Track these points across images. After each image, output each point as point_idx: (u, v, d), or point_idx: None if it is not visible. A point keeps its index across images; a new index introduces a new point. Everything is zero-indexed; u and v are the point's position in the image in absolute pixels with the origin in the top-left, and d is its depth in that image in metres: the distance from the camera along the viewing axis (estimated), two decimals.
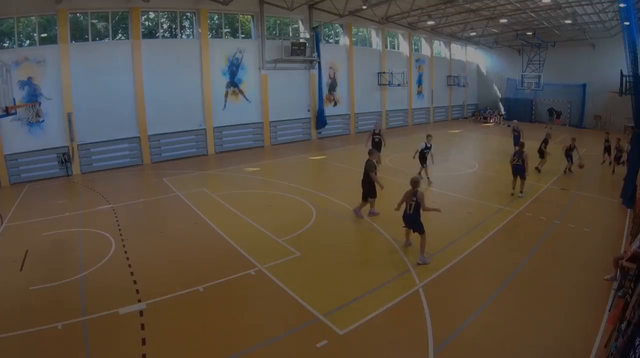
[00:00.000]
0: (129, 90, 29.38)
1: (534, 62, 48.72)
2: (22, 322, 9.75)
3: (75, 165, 27.53)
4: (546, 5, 34.90)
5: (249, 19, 35.54)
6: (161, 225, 17.01)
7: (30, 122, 25.65)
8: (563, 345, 8.72)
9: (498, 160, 28.37)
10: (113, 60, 28.76)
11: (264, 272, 12.20)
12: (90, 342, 9.03)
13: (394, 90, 45.93)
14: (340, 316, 9.75)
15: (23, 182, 25.40)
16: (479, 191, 21.27)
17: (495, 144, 37.41)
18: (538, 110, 50.90)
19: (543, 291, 10.90)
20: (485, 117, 53.11)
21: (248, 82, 34.94)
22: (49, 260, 13.64)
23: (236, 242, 14.53)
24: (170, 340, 9.13)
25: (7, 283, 12.04)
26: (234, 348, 8.73)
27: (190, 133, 32.44)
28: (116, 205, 19.41)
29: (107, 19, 29.09)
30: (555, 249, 13.65)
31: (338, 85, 41.37)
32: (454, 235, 14.70)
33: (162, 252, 14.32)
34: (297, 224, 16.16)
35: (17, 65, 25.07)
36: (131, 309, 10.22)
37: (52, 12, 26.45)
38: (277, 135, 37.18)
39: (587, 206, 18.43)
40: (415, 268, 12.19)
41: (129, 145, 29.82)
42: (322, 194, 20.58)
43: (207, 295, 11.05)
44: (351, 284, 11.35)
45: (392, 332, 9.23)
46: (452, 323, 9.41)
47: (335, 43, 41.86)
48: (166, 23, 32.32)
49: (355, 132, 43.19)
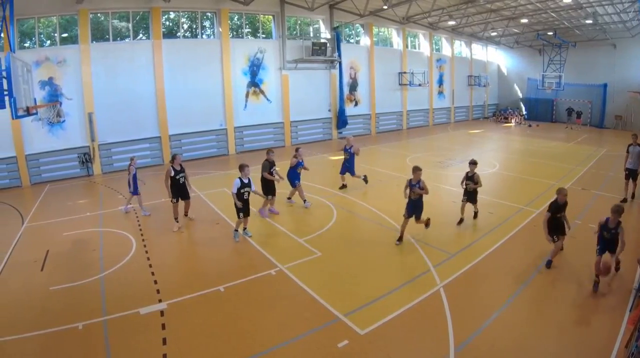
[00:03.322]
0: (149, 90, 29.06)
1: (554, 62, 47.55)
2: (43, 322, 9.72)
3: (96, 165, 27.25)
4: (567, 5, 34.34)
5: (269, 19, 35.06)
6: (182, 225, 16.58)
7: (51, 122, 25.36)
8: (584, 345, 8.65)
9: (519, 160, 28.24)
10: (134, 60, 28.47)
11: (284, 272, 12.11)
12: (111, 342, 8.99)
13: (415, 90, 45.15)
14: (361, 316, 9.70)
15: (44, 182, 25.19)
16: (500, 191, 20.80)
17: (516, 144, 36.78)
18: (559, 110, 49.73)
19: (563, 291, 10.78)
20: (506, 117, 52.04)
21: (269, 82, 34.46)
22: (69, 260, 13.48)
23: (257, 242, 14.39)
24: (191, 340, 9.07)
25: (28, 283, 11.98)
26: (255, 348, 8.71)
27: (211, 133, 32.02)
28: (137, 205, 18.91)
29: (127, 19, 28.75)
30: (575, 249, 13.38)
31: (359, 85, 40.69)
32: (475, 235, 14.64)
33: (183, 252, 14.47)
34: (318, 224, 16.04)
35: (38, 65, 24.82)
36: (152, 309, 10.18)
37: (73, 12, 26.17)
38: (297, 135, 36.65)
39: (607, 206, 17.30)
40: (436, 268, 12.04)
41: (150, 145, 29.50)
42: (343, 194, 20.38)
43: (228, 295, 10.98)
44: (372, 284, 11.24)
45: (413, 332, 9.19)
46: (473, 323, 9.33)
47: (356, 43, 41.17)
48: (187, 23, 31.94)
49: (376, 132, 42.83)
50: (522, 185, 21.44)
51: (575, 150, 31.66)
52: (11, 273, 12.76)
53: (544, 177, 22.57)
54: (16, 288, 11.74)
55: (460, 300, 10.29)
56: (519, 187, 21.35)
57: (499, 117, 53.35)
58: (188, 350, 8.70)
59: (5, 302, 10.99)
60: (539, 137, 38.93)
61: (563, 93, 47.48)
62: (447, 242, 13.68)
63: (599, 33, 42.79)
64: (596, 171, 24.14)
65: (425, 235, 14.28)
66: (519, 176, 23.56)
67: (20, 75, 13.56)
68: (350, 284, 11.04)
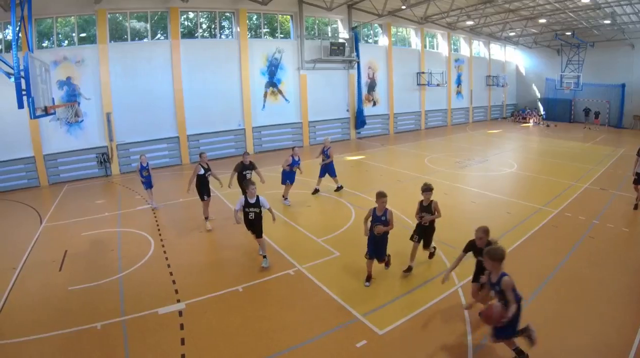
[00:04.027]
0: (167, 90, 28.83)
1: (573, 62, 46.97)
2: (62, 322, 9.69)
3: (114, 165, 27.06)
4: (585, 6, 33.79)
5: (287, 19, 34.68)
6: (200, 225, 16.43)
7: (69, 122, 25.12)
8: (602, 343, 8.53)
9: (537, 160, 28.02)
10: (152, 60, 28.27)
11: (303, 272, 12.06)
12: (130, 342, 8.97)
13: (433, 90, 44.54)
14: (379, 316, 9.64)
15: (62, 182, 25.09)
16: (518, 191, 20.53)
17: (535, 144, 36.40)
18: (577, 110, 48.93)
19: (581, 291, 10.62)
20: (524, 117, 51.26)
21: (287, 82, 34.09)
22: (88, 260, 13.41)
23: (275, 242, 14.21)
24: (209, 340, 9.02)
25: (46, 283, 11.94)
26: (273, 348, 8.65)
27: (229, 133, 31.71)
28: (157, 206, 18.98)
29: (146, 19, 28.55)
30: (593, 249, 13.21)
31: (377, 85, 40.13)
32: (493, 235, 13.53)
33: (201, 252, 14.20)
34: (336, 224, 15.90)
35: (56, 65, 24.70)
36: (170, 309, 10.15)
37: (91, 12, 26.02)
38: (316, 135, 36.04)
39: (626, 206, 17.52)
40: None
41: (168, 145, 29.29)
42: (361, 194, 20.01)
43: (246, 295, 10.92)
44: (390, 284, 11.17)
45: (431, 332, 9.10)
46: None
47: (374, 43, 40.61)
48: (205, 23, 31.58)
49: (395, 132, 42.29)
50: (541, 185, 21.19)
51: (593, 150, 31.36)
52: (30, 274, 12.67)
53: (563, 177, 22.30)
54: (35, 289, 11.64)
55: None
56: (537, 187, 21.05)
57: (517, 117, 52.57)
58: (206, 350, 8.64)
59: (24, 302, 10.90)
60: (557, 137, 38.64)
61: (581, 93, 47.03)
62: (465, 242, 12.95)
63: (617, 33, 42.06)
64: (614, 171, 23.69)
65: (444, 235, 14.00)
66: (537, 176, 23.28)
67: (39, 75, 13.55)
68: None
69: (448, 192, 20.03)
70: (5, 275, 12.40)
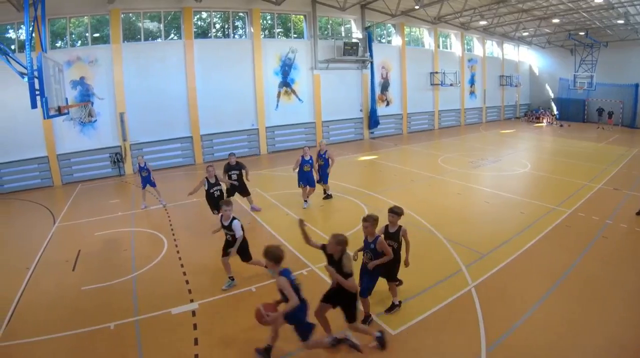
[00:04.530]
0: (181, 90, 28.64)
1: (586, 62, 46.39)
2: (75, 322, 9.62)
3: (128, 165, 26.87)
4: (598, 6, 33.53)
5: (301, 19, 34.36)
6: (213, 225, 15.98)
7: (83, 121, 24.87)
8: (616, 345, 8.34)
9: (550, 160, 27.76)
10: (165, 60, 28.09)
11: (316, 272, 11.82)
12: (143, 342, 8.88)
13: (447, 90, 44.06)
14: (393, 316, 9.48)
15: (75, 182, 25.04)
16: (531, 191, 20.24)
17: (548, 144, 36.11)
18: (590, 110, 48.57)
19: (595, 291, 10.40)
20: (537, 117, 50.70)
21: (300, 82, 33.78)
22: (101, 260, 13.32)
23: (288, 242, 13.98)
24: (222, 340, 8.89)
25: (60, 283, 11.88)
26: (286, 349, 8.45)
27: (243, 133, 31.50)
28: (169, 205, 18.93)
29: (159, 19, 28.37)
30: (607, 249, 12.94)
31: (390, 85, 39.73)
32: (507, 235, 14.16)
33: (214, 252, 13.48)
34: (349, 224, 15.32)
35: (70, 65, 24.61)
36: (184, 309, 10.06)
37: (104, 12, 25.92)
38: (329, 135, 35.73)
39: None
40: (468, 268, 11.67)
41: (181, 145, 29.12)
42: (374, 194, 19.75)
43: (259, 295, 10.69)
44: (404, 284, 10.69)
45: (444, 332, 8.92)
46: (505, 323, 9.05)
47: (388, 43, 40.18)
48: (219, 23, 31.40)
49: (408, 132, 41.86)
50: (554, 185, 20.94)
51: (606, 150, 31.05)
52: (43, 273, 12.59)
53: (576, 177, 22.01)
54: (48, 288, 11.57)
55: (492, 300, 10.01)
56: (551, 187, 20.84)
57: (530, 117, 52.08)
58: (220, 351, 8.54)
59: (37, 302, 10.81)
60: (570, 137, 38.23)
61: (594, 93, 46.39)
62: (479, 242, 13.34)
63: (630, 33, 41.66)
64: (628, 171, 23.28)
65: (457, 235, 13.94)
66: (550, 176, 23.02)
67: (52, 75, 13.71)
68: (381, 284, 10.13)
69: (461, 192, 19.94)
70: (18, 275, 12.31)
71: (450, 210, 16.98)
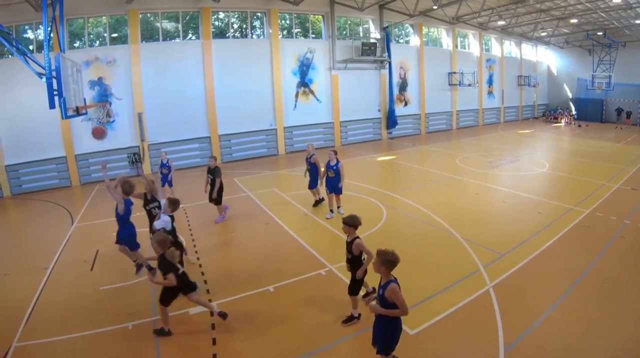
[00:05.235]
0: (199, 91, 28.34)
1: (604, 62, 46.06)
2: (93, 321, 9.64)
3: (146, 165, 26.59)
4: (616, 5, 33.30)
5: (319, 19, 33.90)
6: (232, 225, 16.39)
7: (101, 122, 24.84)
8: (634, 345, 8.30)
9: (568, 160, 27.61)
10: (183, 60, 27.79)
11: (334, 272, 11.78)
12: (161, 342, 8.87)
13: (465, 90, 43.42)
14: (411, 316, 8.80)
15: (94, 182, 24.81)
16: (549, 191, 20.10)
17: (566, 144, 35.80)
18: (608, 110, 48.07)
19: (613, 291, 10.34)
20: (555, 117, 50.14)
21: (318, 82, 33.29)
22: (119, 260, 12.88)
23: (306, 242, 14.11)
24: (240, 340, 8.91)
25: (78, 283, 11.91)
26: (304, 348, 8.52)
27: (261, 133, 31.10)
28: (187, 205, 18.50)
29: (177, 19, 28.04)
30: (625, 249, 12.89)
31: (408, 85, 39.10)
32: (525, 235, 14.14)
33: (232, 252, 14.21)
34: (367, 224, 14.86)
35: (88, 65, 24.42)
36: (202, 309, 9.92)
37: (123, 12, 25.72)
38: (347, 136, 35.37)
39: None
40: (486, 268, 11.65)
41: (199, 145, 28.78)
42: (392, 194, 19.66)
43: (277, 295, 10.79)
44: (421, 284, 10.85)
45: (462, 332, 8.91)
46: (523, 323, 9.02)
47: (406, 43, 39.58)
48: (236, 23, 30.96)
49: (426, 132, 41.26)
50: (572, 185, 20.82)
51: (625, 150, 30.75)
52: (61, 273, 12.58)
53: (594, 177, 21.79)
54: (66, 288, 11.58)
55: (510, 300, 9.97)
56: (569, 187, 20.71)
57: (548, 117, 51.44)
58: (238, 351, 8.54)
59: (55, 301, 10.80)
60: (588, 137, 37.78)
61: (613, 93, 45.97)
62: (497, 242, 13.35)
63: None
64: None
65: (475, 235, 13.96)
66: (568, 176, 22.88)
67: (70, 75, 13.32)
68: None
69: (479, 192, 19.83)
70: (37, 275, 12.25)
71: (468, 210, 16.93)
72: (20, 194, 23.29)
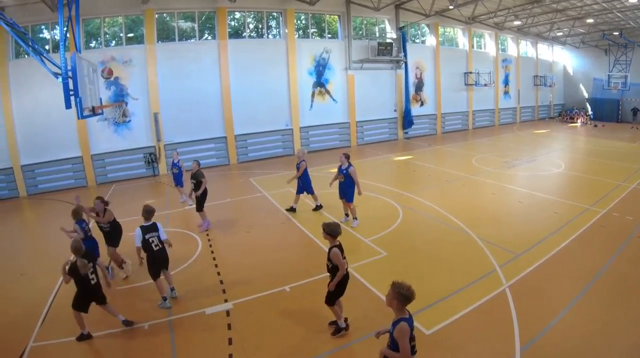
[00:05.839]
0: (215, 90, 28.05)
1: (620, 62, 45.45)
2: (108, 322, 9.57)
3: (162, 165, 26.35)
4: (633, 5, 32.85)
5: (335, 19, 33.43)
6: (247, 225, 16.28)
7: (117, 122, 24.68)
8: None
9: (585, 160, 27.18)
10: (199, 60, 27.52)
11: (350, 272, 10.82)
12: (177, 342, 8.91)
13: (481, 90, 42.75)
14: (426, 316, 9.38)
15: (109, 182, 24.82)
16: (566, 191, 19.83)
17: (582, 144, 35.15)
18: (625, 110, 47.48)
19: (629, 291, 10.22)
20: (571, 117, 49.50)
21: (334, 82, 32.83)
22: (134, 260, 12.52)
23: (322, 242, 13.42)
24: (256, 340, 8.86)
25: None
26: (320, 349, 8.48)
27: (277, 133, 30.72)
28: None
29: (193, 19, 27.77)
30: None
31: (424, 85, 38.52)
32: (541, 234, 14.03)
33: (248, 252, 13.97)
34: (384, 224, 15.55)
35: (104, 65, 24.22)
36: (218, 309, 10.06)
37: (139, 12, 25.52)
38: (363, 136, 34.89)
39: None
40: (502, 268, 11.54)
41: (215, 145, 28.51)
42: (409, 194, 19.44)
43: (293, 295, 10.73)
44: (437, 284, 10.85)
45: (478, 332, 8.85)
46: (539, 323, 8.93)
47: (422, 43, 38.99)
48: (252, 23, 30.58)
49: (442, 132, 40.71)
50: (588, 185, 20.57)
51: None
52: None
53: (610, 177, 21.43)
54: None
55: (526, 300, 9.89)
56: (585, 187, 20.48)
57: (564, 117, 50.77)
58: (253, 350, 8.49)
59: (71, 302, 10.21)
60: (604, 137, 37.27)
61: (629, 93, 45.37)
62: (513, 242, 13.25)
63: None
64: None
65: (491, 235, 13.86)
66: (584, 176, 22.57)
67: (86, 75, 13.28)
68: (415, 284, 9.52)
69: (495, 192, 19.59)
70: (52, 276, 12.10)
71: (485, 210, 16.79)
72: (36, 194, 23.21)
